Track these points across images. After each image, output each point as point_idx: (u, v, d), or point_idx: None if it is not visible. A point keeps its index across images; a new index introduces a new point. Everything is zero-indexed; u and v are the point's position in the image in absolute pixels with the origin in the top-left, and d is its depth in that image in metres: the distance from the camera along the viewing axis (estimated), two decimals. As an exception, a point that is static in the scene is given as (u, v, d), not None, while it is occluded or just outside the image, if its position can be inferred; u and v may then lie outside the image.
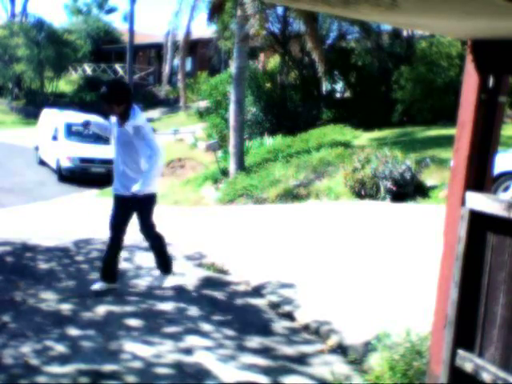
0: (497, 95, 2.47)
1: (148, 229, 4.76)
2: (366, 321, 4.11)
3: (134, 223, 4.85)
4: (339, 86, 21.14)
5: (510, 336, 2.27)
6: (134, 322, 4.18)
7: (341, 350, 3.83)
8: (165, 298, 4.74)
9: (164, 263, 4.93)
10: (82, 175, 16.55)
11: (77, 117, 19.67)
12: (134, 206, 4.65)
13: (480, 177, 2.53)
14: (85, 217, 10.17)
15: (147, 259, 5.54)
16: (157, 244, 4.86)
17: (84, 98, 33.59)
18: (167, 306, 4.57)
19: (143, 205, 4.67)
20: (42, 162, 18.85)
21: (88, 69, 36.95)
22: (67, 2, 44.23)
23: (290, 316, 4.46)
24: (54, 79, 34.65)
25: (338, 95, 21.25)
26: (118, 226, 4.70)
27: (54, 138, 17.33)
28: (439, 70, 16.06)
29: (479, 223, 2.42)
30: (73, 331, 3.93)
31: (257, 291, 5.06)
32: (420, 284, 4.58)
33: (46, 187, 15.90)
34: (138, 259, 5.84)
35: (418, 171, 9.63)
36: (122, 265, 5.69)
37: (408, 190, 9.42)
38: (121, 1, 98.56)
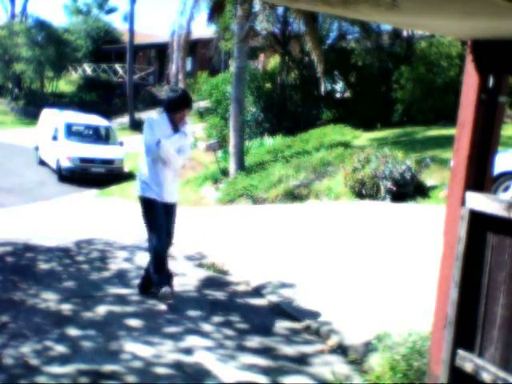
0: (497, 95, 2.48)
1: None
2: (366, 321, 4.11)
3: (132, 225, 4.84)
4: (339, 86, 21.14)
5: (510, 336, 2.27)
6: (134, 322, 4.18)
7: (341, 350, 3.83)
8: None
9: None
10: (82, 175, 16.56)
11: (77, 117, 19.72)
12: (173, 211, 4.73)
13: (480, 177, 2.53)
14: (85, 217, 10.16)
15: (148, 259, 5.53)
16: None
17: (84, 98, 33.62)
18: (167, 306, 4.56)
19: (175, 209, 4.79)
20: (42, 162, 18.86)
21: (88, 69, 36.96)
22: (67, 2, 44.28)
23: (290, 316, 4.46)
24: (54, 79, 34.66)
25: (338, 95, 21.26)
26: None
27: (54, 137, 17.34)
28: (439, 70, 16.07)
29: (479, 223, 2.42)
30: (73, 331, 3.93)
31: (257, 291, 5.06)
32: (420, 284, 4.58)
33: (46, 187, 15.90)
34: (138, 259, 5.84)
35: (418, 171, 9.64)
36: (123, 265, 5.70)
37: (408, 189, 9.43)
38: (121, 1, 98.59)
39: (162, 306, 4.55)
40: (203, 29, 23.08)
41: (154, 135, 4.50)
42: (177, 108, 4.60)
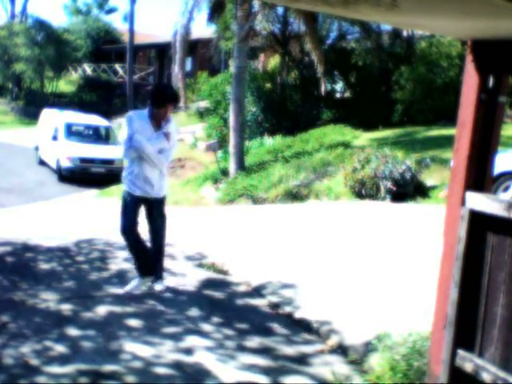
0: (497, 95, 2.48)
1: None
2: (366, 321, 4.11)
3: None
4: (339, 86, 21.14)
5: (510, 336, 2.27)
6: (134, 323, 4.18)
7: (341, 350, 3.83)
8: (165, 299, 4.74)
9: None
10: (82, 175, 16.55)
11: (77, 117, 19.73)
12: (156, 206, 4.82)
13: (480, 177, 2.53)
14: (85, 217, 10.16)
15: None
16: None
17: (84, 98, 33.61)
18: (167, 307, 4.57)
19: (162, 204, 4.89)
20: (42, 162, 18.85)
21: (88, 69, 36.95)
22: (67, 2, 44.30)
23: (290, 316, 4.46)
24: (54, 79, 34.65)
25: (338, 95, 21.25)
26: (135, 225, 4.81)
27: (54, 138, 17.33)
28: (439, 70, 16.07)
29: (479, 223, 2.42)
30: (73, 331, 3.93)
31: (257, 291, 5.06)
32: (420, 284, 4.58)
33: (46, 187, 15.89)
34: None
35: (418, 171, 9.63)
36: (123, 265, 5.70)
37: (408, 190, 9.42)
38: (121, 1, 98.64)
39: (162, 306, 4.56)
40: (203, 29, 23.09)
41: (131, 130, 4.50)
42: (161, 103, 4.55)
